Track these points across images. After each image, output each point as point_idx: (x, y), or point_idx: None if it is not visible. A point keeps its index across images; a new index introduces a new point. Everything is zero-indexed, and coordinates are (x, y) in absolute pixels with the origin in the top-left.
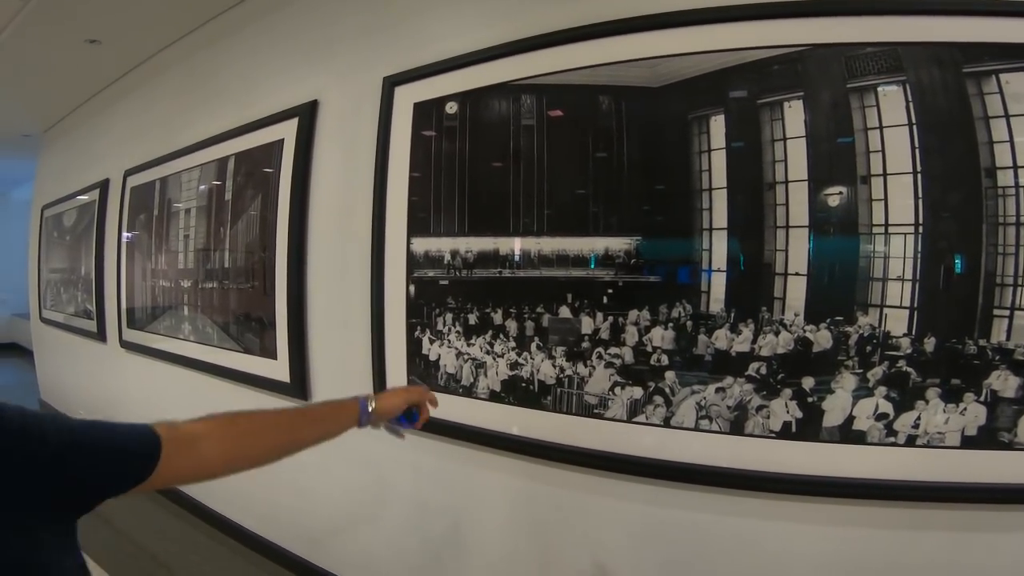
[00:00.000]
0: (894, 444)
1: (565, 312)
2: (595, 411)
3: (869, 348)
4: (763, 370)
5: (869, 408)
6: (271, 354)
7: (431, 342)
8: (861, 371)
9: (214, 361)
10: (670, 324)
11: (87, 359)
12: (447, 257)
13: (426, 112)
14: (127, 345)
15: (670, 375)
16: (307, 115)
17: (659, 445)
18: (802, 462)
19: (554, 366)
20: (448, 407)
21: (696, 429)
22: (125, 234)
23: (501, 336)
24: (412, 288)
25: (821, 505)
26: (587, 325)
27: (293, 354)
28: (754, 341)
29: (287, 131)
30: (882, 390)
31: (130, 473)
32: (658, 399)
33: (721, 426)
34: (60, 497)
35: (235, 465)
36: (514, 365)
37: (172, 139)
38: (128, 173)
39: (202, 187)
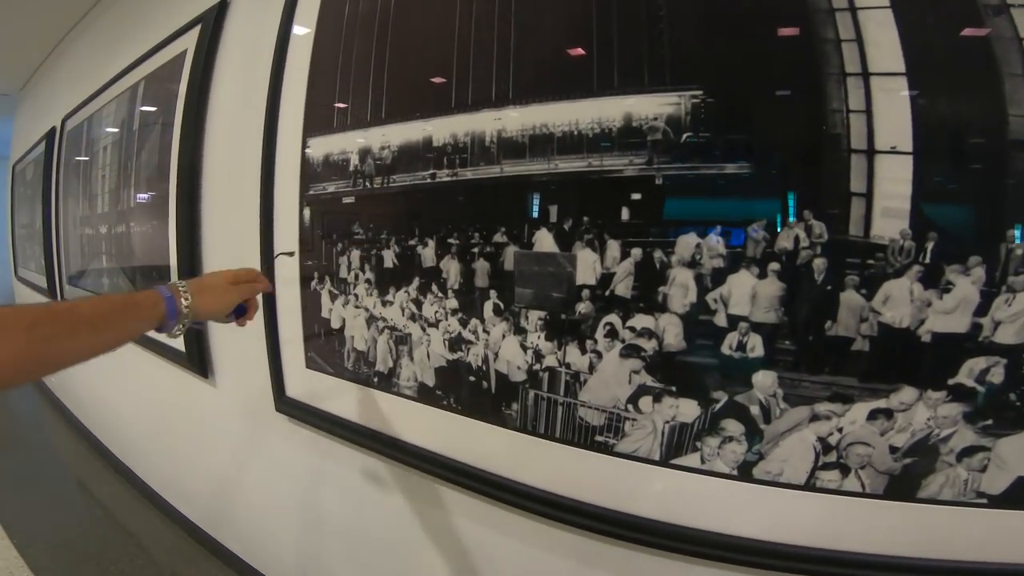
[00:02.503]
0: None
1: (545, 240)
2: (598, 438)
3: None
4: (997, 375)
5: None
6: None
7: (332, 298)
8: None
9: None
10: (772, 264)
11: None
12: (354, 160)
13: None
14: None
15: (765, 379)
16: (211, 20)
17: (726, 512)
18: None
19: (524, 346)
20: (361, 404)
21: (808, 488)
22: (59, 181)
23: (434, 288)
24: (307, 212)
25: None
26: (588, 266)
27: None
28: (982, 310)
29: (190, 42)
30: None
31: None
32: (732, 426)
33: (867, 484)
34: None
35: None
36: (456, 342)
37: (98, 75)
38: (65, 118)
39: (117, 119)
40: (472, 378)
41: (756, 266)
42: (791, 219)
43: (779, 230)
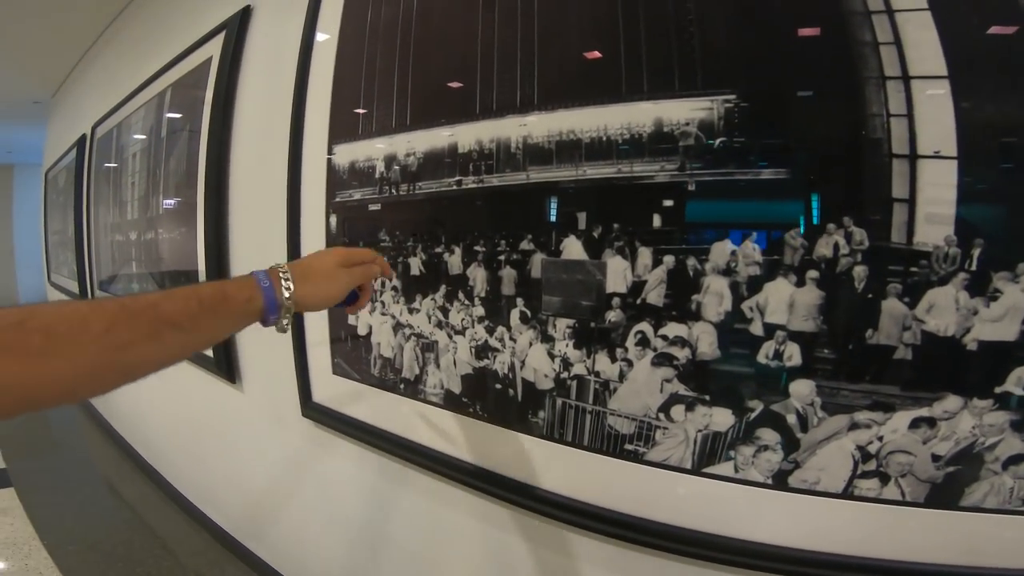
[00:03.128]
0: None
1: (574, 247)
2: (628, 447)
3: None
4: None
5: None
6: None
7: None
8: None
9: None
10: (809, 272)
11: None
12: (380, 167)
13: None
14: None
15: (803, 388)
16: (236, 26)
17: (758, 518)
18: None
19: (552, 355)
20: (388, 409)
21: (845, 496)
22: (90, 188)
23: (460, 296)
24: (334, 219)
25: None
26: (618, 274)
27: None
28: None
29: (215, 48)
30: None
31: None
32: (768, 436)
33: (908, 492)
34: None
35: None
36: (482, 350)
37: (127, 82)
38: (95, 125)
39: (146, 127)
40: (498, 385)
41: (794, 274)
42: (830, 225)
43: (820, 237)
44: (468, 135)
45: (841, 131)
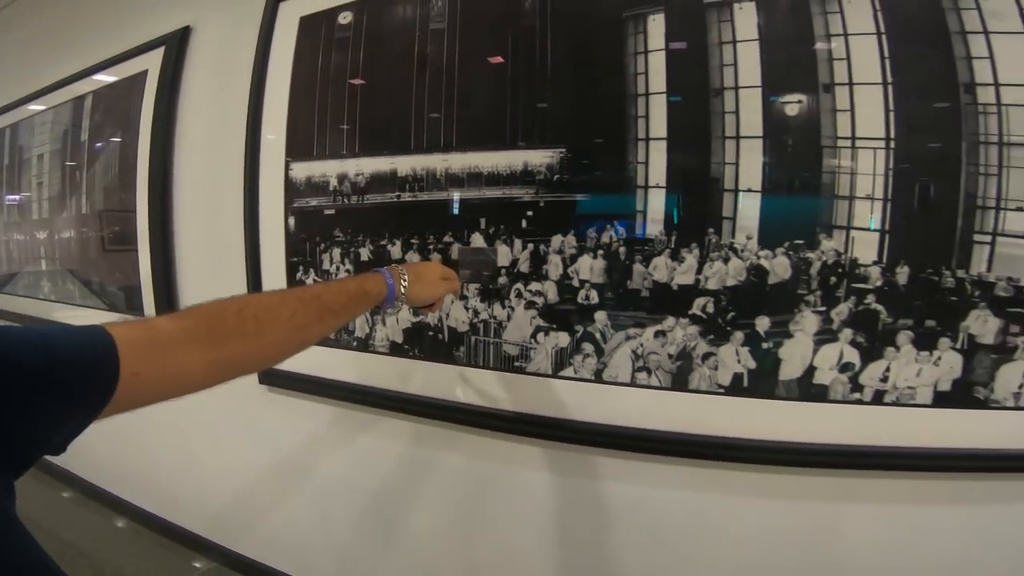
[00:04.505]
0: (859, 402)
1: (478, 240)
2: (516, 364)
3: (834, 279)
4: (710, 307)
5: (833, 357)
6: (139, 310)
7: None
8: (824, 309)
9: (77, 322)
10: (600, 251)
11: None
12: (333, 182)
13: (314, 25)
14: None
15: (601, 316)
16: (176, 43)
17: (589, 404)
18: (754, 424)
19: (466, 308)
20: (342, 365)
21: (632, 384)
22: None
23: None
24: (292, 221)
25: (778, 476)
26: (504, 255)
27: (161, 309)
28: (699, 271)
29: (152, 62)
30: (848, 333)
31: (85, 392)
32: (587, 347)
33: (662, 380)
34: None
35: (222, 373)
36: (417, 310)
37: (29, 81)
38: None
39: (57, 130)
40: (431, 333)
41: (592, 252)
42: (608, 225)
43: (604, 232)
44: (406, 164)
45: (613, 173)
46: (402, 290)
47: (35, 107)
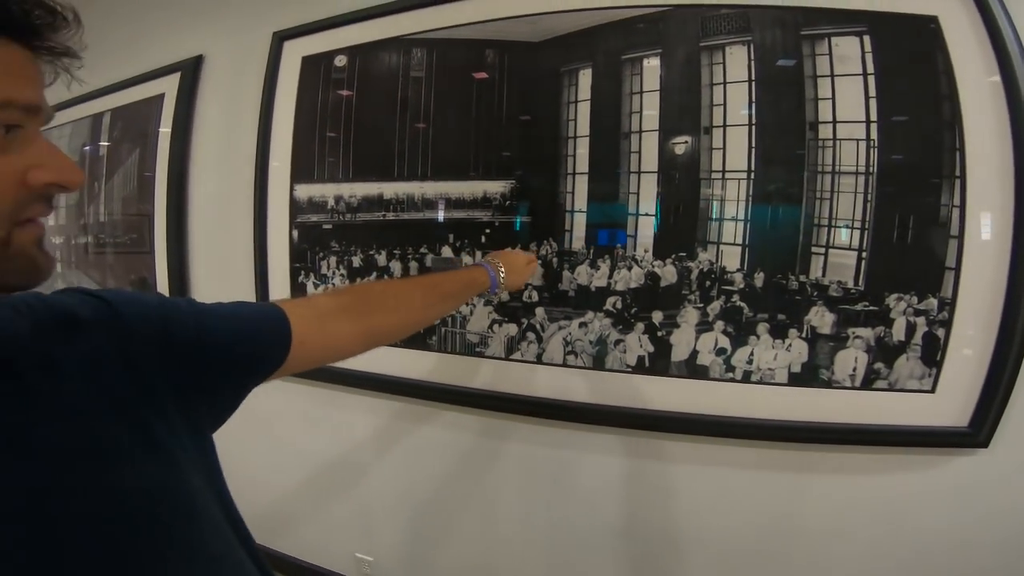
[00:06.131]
0: (733, 380)
1: (447, 252)
2: (477, 349)
3: (708, 282)
4: (618, 304)
5: (710, 343)
6: None
7: (315, 286)
8: (702, 305)
9: None
10: (538, 261)
11: None
12: (331, 202)
13: (314, 65)
14: None
15: (540, 311)
16: (191, 69)
17: (532, 381)
18: (653, 397)
19: None
20: None
21: (564, 365)
22: None
23: (386, 277)
24: (295, 233)
25: (673, 443)
26: (468, 263)
27: None
28: (610, 276)
29: (168, 86)
30: (720, 324)
31: (266, 359)
32: (531, 335)
33: (585, 361)
34: (193, 398)
35: (368, 342)
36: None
37: (48, 96)
38: None
39: (76, 143)
40: None
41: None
42: (544, 241)
43: (541, 246)
44: (390, 189)
45: (547, 201)
46: (501, 279)
47: (53, 121)
